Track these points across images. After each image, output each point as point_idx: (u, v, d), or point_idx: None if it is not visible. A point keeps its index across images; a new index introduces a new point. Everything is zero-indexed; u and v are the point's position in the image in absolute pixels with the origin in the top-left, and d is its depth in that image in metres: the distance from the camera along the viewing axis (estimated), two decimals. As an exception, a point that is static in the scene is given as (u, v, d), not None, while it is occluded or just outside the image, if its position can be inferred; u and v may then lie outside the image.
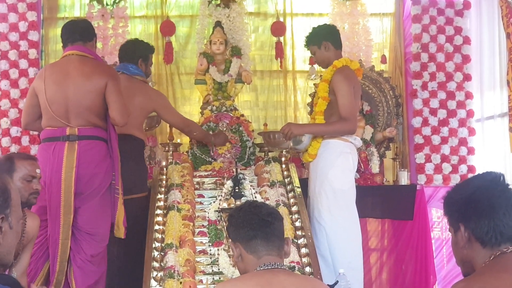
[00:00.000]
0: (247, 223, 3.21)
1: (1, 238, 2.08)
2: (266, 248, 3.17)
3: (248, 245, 3.19)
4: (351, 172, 5.66)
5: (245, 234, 3.20)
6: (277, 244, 3.20)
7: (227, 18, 6.97)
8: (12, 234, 2.12)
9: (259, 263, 3.14)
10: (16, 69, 7.02)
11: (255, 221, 3.20)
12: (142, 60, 6.15)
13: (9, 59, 7.05)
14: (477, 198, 2.39)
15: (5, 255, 2.11)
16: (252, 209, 3.28)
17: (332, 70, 5.66)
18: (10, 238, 2.12)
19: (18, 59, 7.06)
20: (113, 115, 5.03)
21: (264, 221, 3.20)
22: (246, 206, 3.37)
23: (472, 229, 2.37)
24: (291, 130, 5.67)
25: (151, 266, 4.87)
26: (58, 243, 4.85)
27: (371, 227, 6.89)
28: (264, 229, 3.19)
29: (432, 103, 7.43)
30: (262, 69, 7.91)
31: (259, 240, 3.17)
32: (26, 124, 5.37)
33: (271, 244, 3.18)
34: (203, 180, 6.09)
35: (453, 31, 7.55)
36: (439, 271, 6.93)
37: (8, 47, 7.06)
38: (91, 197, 4.97)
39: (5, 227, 2.09)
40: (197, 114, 7.09)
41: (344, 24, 7.65)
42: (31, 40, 7.11)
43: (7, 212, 2.09)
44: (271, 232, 3.20)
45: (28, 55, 7.09)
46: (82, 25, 5.35)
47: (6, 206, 2.09)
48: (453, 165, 7.35)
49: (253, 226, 3.19)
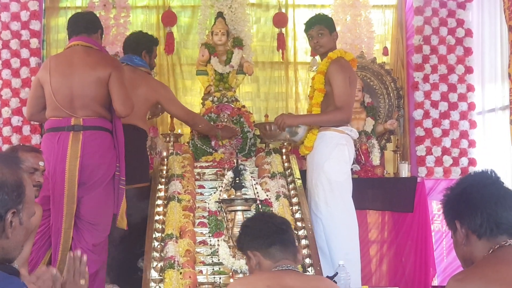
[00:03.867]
0: (265, 232, 3.34)
1: (10, 233, 2.08)
2: (283, 254, 3.29)
3: (267, 252, 3.30)
4: (347, 163, 5.67)
5: (263, 242, 3.32)
6: (293, 250, 3.33)
7: (229, 8, 6.97)
8: (21, 230, 2.12)
9: (276, 266, 3.25)
10: (18, 59, 7.00)
11: (272, 229, 3.34)
12: (146, 52, 6.18)
13: (10, 48, 7.03)
14: (468, 192, 2.41)
15: (12, 250, 2.12)
16: (266, 218, 3.45)
17: (327, 62, 5.66)
18: (19, 233, 2.12)
19: (20, 48, 7.05)
20: (116, 106, 5.05)
21: (281, 229, 3.35)
22: (260, 216, 3.59)
23: (467, 224, 2.39)
24: (283, 120, 5.69)
25: (151, 256, 4.90)
26: (61, 232, 4.87)
27: (371, 219, 6.89)
28: (281, 236, 3.32)
29: (434, 96, 7.42)
30: (263, 60, 7.89)
31: (278, 246, 3.30)
32: (31, 115, 5.40)
33: (288, 250, 3.30)
34: (204, 171, 6.10)
35: (455, 24, 7.53)
36: (439, 263, 6.93)
37: (10, 37, 7.05)
38: (94, 187, 4.99)
39: (16, 222, 2.09)
40: (198, 104, 7.09)
41: (346, 16, 7.63)
42: (32, 29, 7.09)
43: (19, 207, 2.09)
44: (287, 239, 3.34)
45: (29, 45, 7.07)
46: (88, 17, 5.39)
47: (19, 202, 2.09)
48: (454, 158, 7.34)
49: (271, 233, 3.32)
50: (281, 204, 5.42)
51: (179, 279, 4.56)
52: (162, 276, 4.67)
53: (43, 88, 5.15)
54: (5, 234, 2.07)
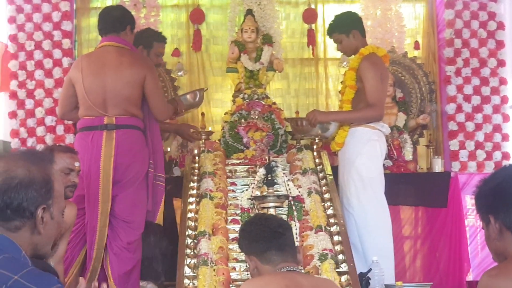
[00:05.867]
0: (260, 236, 3.31)
1: (42, 228, 2.10)
2: (281, 257, 3.25)
3: (263, 257, 3.28)
4: (378, 159, 5.64)
5: (259, 247, 3.30)
6: (291, 252, 3.30)
7: (258, 6, 6.96)
8: (53, 225, 2.15)
9: (277, 269, 3.23)
10: (50, 59, 7.08)
11: (267, 234, 3.30)
12: (143, 46, 6.08)
13: (43, 49, 7.10)
14: (503, 187, 2.37)
15: (45, 245, 2.14)
16: (263, 222, 3.40)
17: (359, 58, 5.64)
18: (51, 228, 2.14)
19: (52, 49, 7.12)
20: (155, 112, 5.21)
21: (276, 232, 3.31)
22: (256, 220, 3.51)
23: (502, 219, 2.36)
24: (315, 116, 5.69)
25: (184, 253, 4.92)
26: (96, 231, 4.91)
27: (405, 215, 6.86)
28: (277, 240, 3.29)
29: (466, 90, 7.36)
30: (293, 56, 7.88)
31: (274, 251, 3.26)
32: (63, 114, 5.45)
33: (285, 254, 3.27)
34: (236, 168, 6.11)
35: (486, 17, 7.46)
36: (473, 258, 6.88)
37: (42, 37, 7.12)
38: (128, 185, 5.02)
39: (47, 217, 2.11)
40: (229, 101, 7.10)
41: (376, 10, 7.59)
42: (64, 30, 7.16)
43: (49, 202, 2.12)
44: (284, 243, 3.30)
45: (61, 45, 7.14)
46: (115, 14, 5.38)
47: (48, 197, 2.11)
48: (487, 152, 7.28)
49: (266, 238, 3.29)
50: (313, 200, 5.41)
51: (213, 276, 4.58)
52: (196, 273, 4.70)
53: (75, 88, 5.19)
54: (37, 230, 2.09)
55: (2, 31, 7.20)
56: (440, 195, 6.87)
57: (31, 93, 7.05)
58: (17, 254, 2.04)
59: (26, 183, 2.07)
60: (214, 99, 7.51)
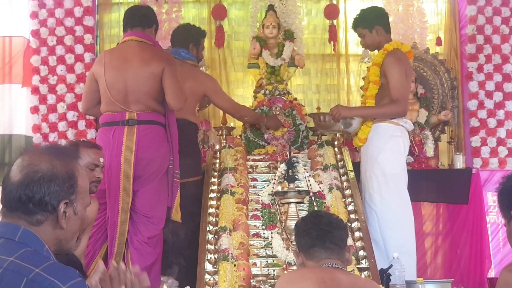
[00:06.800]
0: (307, 233, 3.34)
1: (65, 223, 2.12)
2: (325, 255, 3.27)
3: (308, 253, 3.32)
4: (402, 155, 5.63)
5: (305, 243, 3.34)
6: (337, 251, 3.30)
7: (279, 1, 6.96)
8: (76, 220, 2.16)
9: (319, 265, 3.25)
10: (72, 54, 7.11)
11: (314, 231, 3.33)
12: (193, 44, 6.22)
13: (65, 44, 7.13)
14: None
15: (68, 240, 2.15)
16: (312, 219, 3.42)
17: (383, 54, 5.62)
18: (74, 224, 2.15)
19: (74, 44, 7.15)
20: (169, 100, 5.10)
21: (323, 230, 3.32)
22: (307, 216, 3.54)
23: None
24: (339, 111, 5.68)
25: (205, 248, 4.94)
26: (117, 226, 4.94)
27: (426, 211, 6.84)
28: (322, 238, 3.30)
29: (488, 86, 7.30)
30: (315, 52, 7.85)
31: (318, 248, 3.29)
32: (86, 109, 5.49)
33: (329, 251, 3.28)
34: (257, 163, 6.12)
35: (509, 13, 7.40)
36: (494, 255, 6.85)
37: (64, 33, 7.15)
38: (149, 180, 5.04)
39: (69, 212, 2.12)
40: (250, 97, 7.10)
41: (398, 6, 7.57)
42: (86, 25, 7.18)
43: (72, 197, 2.13)
44: (329, 241, 3.30)
45: (83, 40, 7.17)
46: (143, 11, 5.44)
47: (71, 192, 2.13)
48: (509, 149, 7.23)
49: (312, 235, 3.32)
50: (334, 196, 5.41)
51: (233, 271, 4.59)
52: (216, 268, 4.71)
53: (98, 83, 5.22)
54: (59, 225, 2.10)
55: (25, 27, 7.24)
56: (462, 191, 6.84)
57: (53, 88, 7.08)
58: (39, 248, 2.05)
59: (49, 177, 2.08)
60: (235, 95, 7.49)
